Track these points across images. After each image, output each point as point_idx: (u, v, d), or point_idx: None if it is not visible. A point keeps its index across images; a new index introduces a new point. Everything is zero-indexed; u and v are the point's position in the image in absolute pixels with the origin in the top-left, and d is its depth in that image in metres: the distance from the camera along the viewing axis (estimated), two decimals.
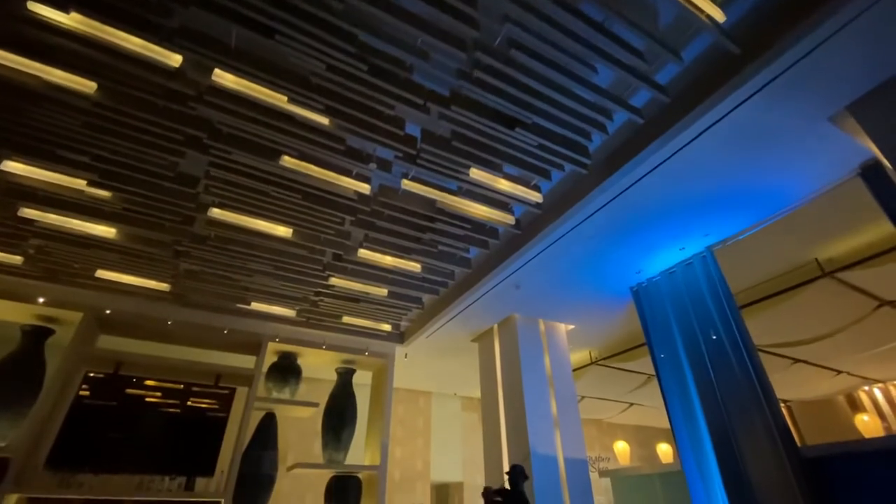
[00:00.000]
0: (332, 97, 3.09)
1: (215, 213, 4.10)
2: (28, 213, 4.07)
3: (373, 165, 3.58)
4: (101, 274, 4.98)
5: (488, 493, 3.76)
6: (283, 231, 4.36)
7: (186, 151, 3.55)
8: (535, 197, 3.90)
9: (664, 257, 5.01)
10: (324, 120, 3.21)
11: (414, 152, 3.44)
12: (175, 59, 2.84)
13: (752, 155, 3.59)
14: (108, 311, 5.21)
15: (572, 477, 5.37)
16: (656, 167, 3.61)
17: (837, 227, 4.72)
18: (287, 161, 3.54)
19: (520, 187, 3.78)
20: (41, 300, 4.89)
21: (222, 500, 4.88)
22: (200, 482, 5.24)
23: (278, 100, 3.07)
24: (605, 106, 3.28)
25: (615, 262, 5.09)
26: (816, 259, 5.16)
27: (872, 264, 4.77)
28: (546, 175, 3.73)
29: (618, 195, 3.91)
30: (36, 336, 5.07)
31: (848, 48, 2.79)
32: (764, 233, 4.56)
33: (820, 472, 3.52)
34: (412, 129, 3.45)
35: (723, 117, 3.16)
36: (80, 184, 3.80)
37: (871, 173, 3.72)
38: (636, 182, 3.77)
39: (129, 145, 3.46)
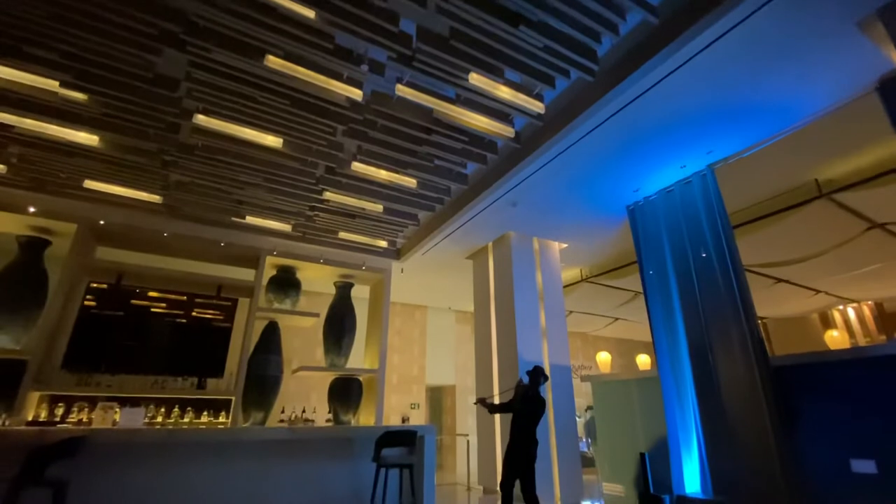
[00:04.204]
0: None
1: (200, 119, 3.90)
2: (3, 117, 3.86)
3: (364, 67, 3.34)
4: (90, 184, 4.87)
5: (482, 401, 4.05)
6: (272, 141, 4.20)
7: (162, 49, 3.27)
8: (538, 107, 3.72)
9: (664, 175, 4.94)
10: (309, 13, 2.92)
11: (409, 52, 3.19)
12: None
13: (769, 64, 3.36)
14: (101, 222, 5.18)
15: (556, 381, 5.82)
16: (666, 76, 3.39)
17: (841, 147, 4.60)
18: (272, 61, 3.28)
19: (521, 96, 3.59)
20: (32, 210, 4.83)
21: (233, 398, 5.29)
22: (211, 382, 5.63)
23: None
24: (618, 2, 2.99)
25: (614, 180, 5.02)
26: (816, 180, 5.11)
27: (871, 185, 4.73)
28: (550, 82, 3.52)
29: (623, 107, 3.73)
30: (33, 247, 5.08)
31: None
32: (767, 151, 4.45)
33: (785, 378, 3.81)
34: (407, 26, 3.16)
35: (746, 18, 2.90)
36: (52, 85, 3.56)
37: (889, 87, 3.54)
38: (644, 93, 3.57)
39: (99, 40, 3.18)
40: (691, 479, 4.21)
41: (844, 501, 3.29)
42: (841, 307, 9.91)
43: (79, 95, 3.66)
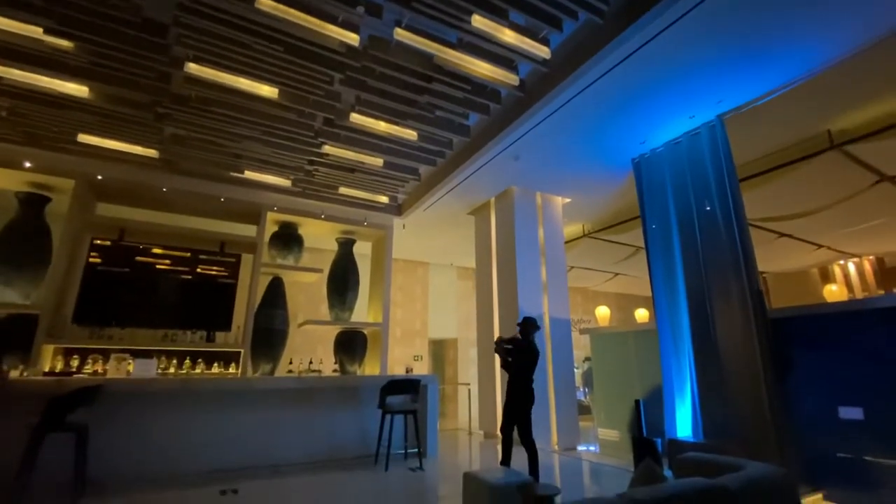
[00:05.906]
0: None
1: (192, 68, 3.75)
2: None
3: (361, 9, 3.15)
4: (84, 138, 4.77)
5: (500, 342, 4.04)
6: (267, 91, 4.05)
7: None
8: (543, 52, 3.54)
9: (672, 126, 4.79)
10: None
11: None
12: None
13: (787, 6, 3.17)
14: (99, 178, 5.13)
15: (556, 334, 5.95)
16: (680, 17, 3.20)
17: (857, 96, 4.41)
18: (263, 3, 3.10)
19: (527, 40, 3.41)
20: (27, 165, 4.77)
21: (242, 350, 5.45)
22: (219, 336, 5.79)
23: None
24: None
25: (621, 131, 4.88)
26: (829, 130, 4.96)
27: (885, 136, 4.59)
28: (557, 24, 3.33)
29: (633, 52, 3.55)
30: (33, 203, 5.06)
31: None
32: (779, 101, 4.28)
33: (781, 330, 3.88)
34: None
35: None
36: (36, 31, 3.40)
37: None
38: (655, 36, 3.38)
39: None
40: (683, 424, 4.40)
41: (830, 445, 3.45)
42: (842, 262, 9.93)
43: (64, 43, 3.50)
